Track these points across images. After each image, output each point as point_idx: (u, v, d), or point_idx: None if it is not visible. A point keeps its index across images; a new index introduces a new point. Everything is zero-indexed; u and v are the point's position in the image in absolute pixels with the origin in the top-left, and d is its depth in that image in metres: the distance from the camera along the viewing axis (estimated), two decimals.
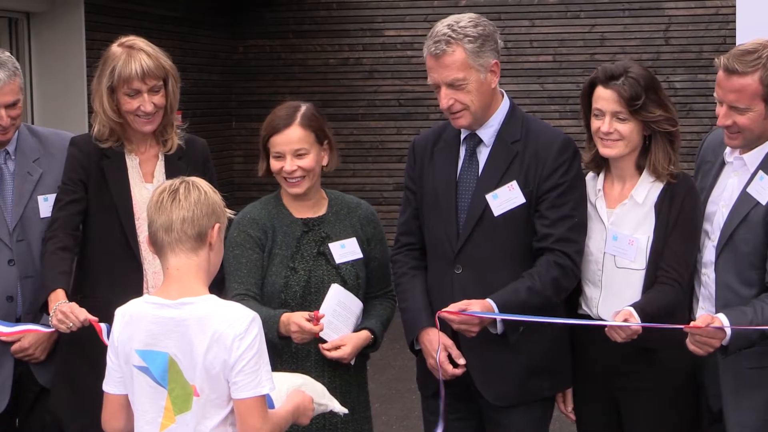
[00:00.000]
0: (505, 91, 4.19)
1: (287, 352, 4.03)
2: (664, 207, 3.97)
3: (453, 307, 3.87)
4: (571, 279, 4.01)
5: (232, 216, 3.39)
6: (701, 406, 4.09)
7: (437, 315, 3.89)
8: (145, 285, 4.22)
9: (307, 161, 4.08)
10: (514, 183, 4.01)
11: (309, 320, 3.85)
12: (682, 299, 4.00)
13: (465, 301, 3.88)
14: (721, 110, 3.92)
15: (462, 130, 4.12)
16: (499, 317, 3.89)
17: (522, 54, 11.40)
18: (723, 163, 4.08)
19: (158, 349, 3.10)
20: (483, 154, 4.10)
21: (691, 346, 3.75)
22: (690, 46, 11.16)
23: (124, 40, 4.36)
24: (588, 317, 4.08)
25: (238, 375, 3.05)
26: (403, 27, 11.65)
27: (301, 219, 4.17)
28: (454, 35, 3.96)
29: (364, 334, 4.13)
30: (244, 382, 3.05)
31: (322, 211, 4.22)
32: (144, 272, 4.25)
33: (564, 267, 3.97)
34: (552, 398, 4.21)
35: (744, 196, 3.93)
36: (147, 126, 4.29)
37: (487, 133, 4.09)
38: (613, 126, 3.96)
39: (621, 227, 3.99)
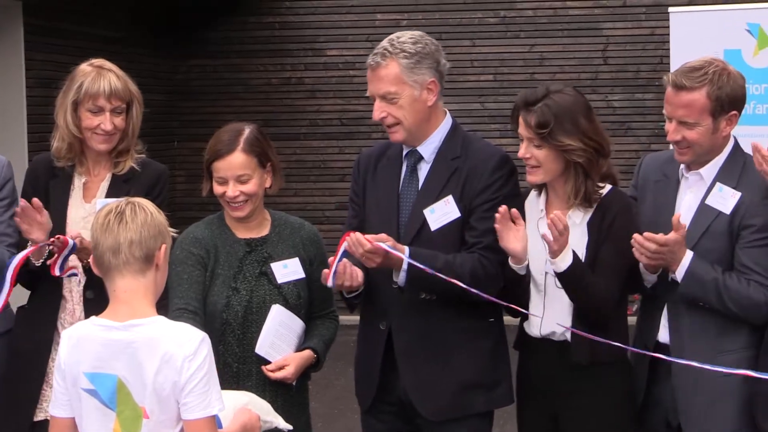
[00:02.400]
0: (448, 110, 4.24)
1: (228, 373, 4.03)
2: (596, 224, 4.02)
3: (368, 236, 3.90)
4: (491, 283, 4.01)
5: (175, 235, 3.40)
6: (656, 423, 4.14)
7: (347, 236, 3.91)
8: (63, 306, 4.34)
9: (250, 186, 4.09)
10: (450, 197, 4.06)
11: None
12: (611, 308, 4.04)
13: (384, 235, 3.92)
14: (670, 126, 3.99)
15: (404, 146, 4.16)
16: (406, 261, 3.90)
17: (463, 73, 11.49)
18: (678, 180, 4.14)
19: (107, 372, 3.09)
20: (423, 170, 4.14)
21: (643, 256, 3.85)
22: (628, 66, 11.31)
23: (94, 61, 4.42)
24: (531, 338, 4.12)
25: (188, 396, 3.05)
26: (345, 47, 11.70)
27: (244, 239, 4.18)
28: (391, 49, 4.02)
29: (307, 354, 4.15)
30: (194, 403, 3.05)
31: (265, 231, 4.23)
32: (63, 294, 4.34)
33: (487, 269, 4.01)
34: (490, 414, 4.24)
35: (703, 209, 4.01)
36: (102, 145, 4.34)
37: (428, 149, 4.13)
38: (529, 151, 4.01)
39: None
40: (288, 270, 4.17)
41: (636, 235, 3.87)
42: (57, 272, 4.16)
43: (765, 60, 7.46)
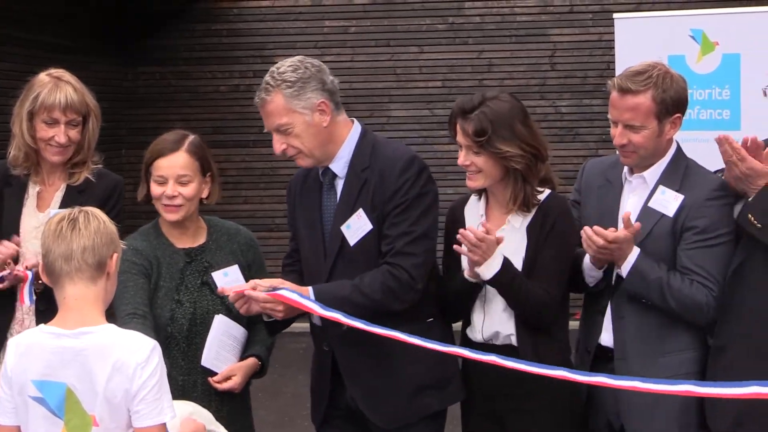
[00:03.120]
0: (395, 116, 4.25)
1: (173, 386, 3.98)
2: (535, 228, 4.04)
3: (265, 282, 3.89)
4: (407, 290, 3.99)
5: (124, 246, 3.39)
6: (599, 425, 4.16)
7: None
8: (14, 318, 4.31)
9: (189, 189, 4.10)
10: (361, 210, 4.03)
11: None
12: (552, 312, 4.06)
13: (280, 280, 3.91)
14: (616, 131, 4.03)
15: (318, 166, 4.14)
16: (308, 305, 3.86)
17: (411, 80, 11.53)
18: (622, 184, 4.17)
19: (55, 380, 3.07)
20: (339, 186, 4.12)
21: (590, 249, 3.90)
22: (575, 72, 11.40)
23: (53, 71, 4.39)
24: (474, 343, 4.13)
25: (140, 403, 3.04)
26: (293, 53, 11.52)
27: (183, 249, 4.18)
28: (272, 83, 3.99)
29: (252, 362, 4.18)
30: (146, 411, 3.05)
31: (202, 239, 4.24)
32: (16, 302, 4.29)
33: (398, 278, 3.97)
34: (443, 411, 4.24)
35: (646, 212, 4.04)
36: (56, 157, 4.33)
37: (339, 165, 4.10)
38: (468, 158, 4.02)
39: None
40: (229, 278, 4.16)
41: (586, 228, 3.91)
42: (28, 302, 4.16)
43: (708, 66, 7.56)
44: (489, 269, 3.93)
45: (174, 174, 4.08)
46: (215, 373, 4.10)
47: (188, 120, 11.04)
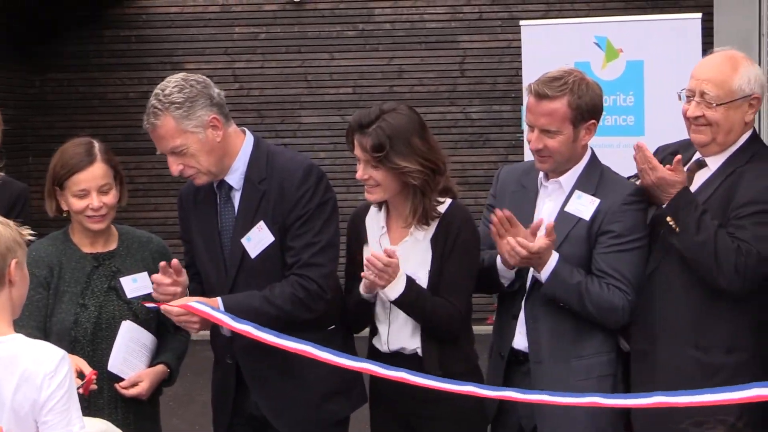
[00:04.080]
0: (306, 123, 4.26)
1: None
2: (439, 240, 4.05)
3: (179, 302, 3.88)
4: (316, 300, 4.01)
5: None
6: (510, 429, 4.21)
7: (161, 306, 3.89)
8: None
9: (110, 197, 4.10)
10: (262, 223, 4.02)
11: None
12: (458, 324, 4.07)
13: (186, 299, 3.91)
14: (532, 135, 4.07)
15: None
16: (219, 318, 3.84)
17: (322, 87, 11.54)
18: (537, 190, 4.21)
19: None
20: (236, 199, 4.10)
21: (505, 247, 3.93)
22: (485, 78, 11.51)
23: None
24: (381, 353, 4.15)
25: (48, 414, 3.01)
26: (203, 60, 11.62)
27: (91, 254, 4.15)
28: (160, 106, 3.96)
29: (161, 369, 4.16)
30: (54, 422, 3.02)
31: (112, 245, 4.22)
32: None
33: (307, 289, 3.98)
34: (347, 418, 4.27)
35: (563, 216, 4.09)
36: None
37: (234, 177, 4.08)
38: (367, 172, 4.02)
39: (405, 264, 4.02)
40: (138, 284, 4.15)
41: (509, 239, 3.93)
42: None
43: (613, 72, 7.66)
44: (393, 291, 3.94)
45: (96, 186, 4.06)
46: (122, 380, 4.07)
47: (97, 127, 10.91)
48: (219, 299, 3.93)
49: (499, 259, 4.10)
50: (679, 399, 3.26)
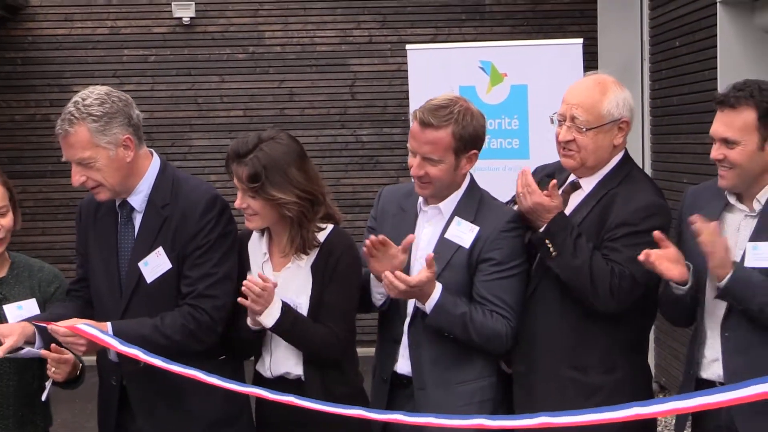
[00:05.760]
0: (197, 146, 4.27)
1: None
2: (320, 267, 4.06)
3: (67, 322, 3.86)
4: (208, 332, 4.01)
5: None
6: None
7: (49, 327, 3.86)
8: None
9: (8, 219, 4.11)
10: (161, 249, 4.01)
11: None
12: (338, 351, 4.09)
13: (75, 319, 3.88)
14: (414, 161, 4.10)
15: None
16: (107, 341, 3.83)
17: (212, 109, 11.50)
18: (417, 214, 4.25)
19: None
20: (137, 221, 4.08)
21: (384, 280, 3.94)
22: (375, 101, 11.59)
23: None
24: (265, 378, 4.15)
25: None
26: (92, 83, 11.32)
27: None
28: (77, 114, 3.92)
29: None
30: None
31: (2, 272, 4.19)
32: None
33: (199, 320, 3.97)
34: None
35: (443, 243, 4.13)
36: None
37: (138, 199, 4.07)
38: (245, 201, 4.01)
39: (287, 291, 4.05)
40: (23, 311, 4.11)
41: (387, 273, 3.94)
42: None
43: (498, 96, 7.71)
44: (269, 317, 3.94)
45: None
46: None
47: None
48: (108, 324, 3.90)
49: (372, 276, 4.12)
50: (562, 419, 3.34)
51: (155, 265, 4.01)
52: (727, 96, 3.87)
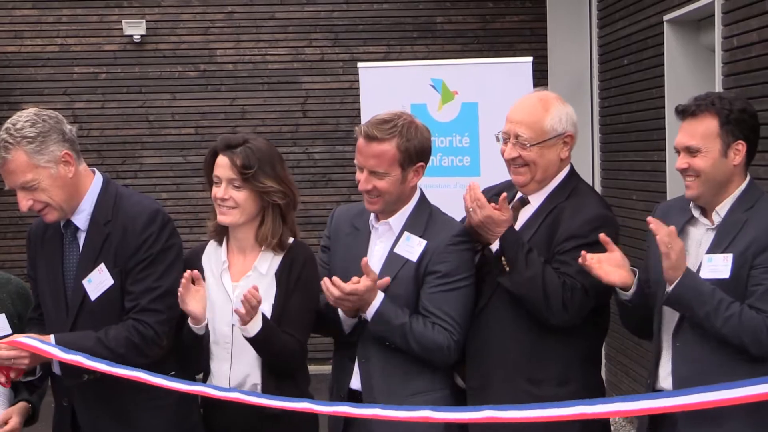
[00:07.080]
0: (148, 163, 4.28)
1: None
2: (284, 275, 4.11)
3: (8, 338, 3.87)
4: (151, 346, 4.03)
5: None
6: None
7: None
8: None
9: None
10: (103, 265, 4.03)
11: None
12: (301, 360, 4.15)
13: (17, 335, 3.90)
14: (361, 176, 4.15)
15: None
16: (48, 350, 3.84)
17: (164, 127, 11.47)
18: (369, 231, 4.29)
19: None
20: (81, 239, 4.09)
21: (329, 297, 3.98)
22: (327, 119, 11.61)
23: None
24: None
25: None
26: (42, 100, 11.41)
27: None
28: (11, 140, 3.93)
29: (23, 406, 4.12)
30: None
31: None
32: None
33: (143, 334, 4.00)
34: None
35: (392, 257, 4.17)
36: None
37: (81, 218, 4.08)
38: (228, 193, 4.08)
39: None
40: None
41: (325, 279, 4.01)
42: None
43: (449, 114, 7.77)
44: (253, 327, 3.96)
45: None
46: None
47: None
48: (51, 336, 3.91)
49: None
50: (507, 414, 3.38)
51: (98, 281, 4.02)
52: (688, 106, 3.94)
